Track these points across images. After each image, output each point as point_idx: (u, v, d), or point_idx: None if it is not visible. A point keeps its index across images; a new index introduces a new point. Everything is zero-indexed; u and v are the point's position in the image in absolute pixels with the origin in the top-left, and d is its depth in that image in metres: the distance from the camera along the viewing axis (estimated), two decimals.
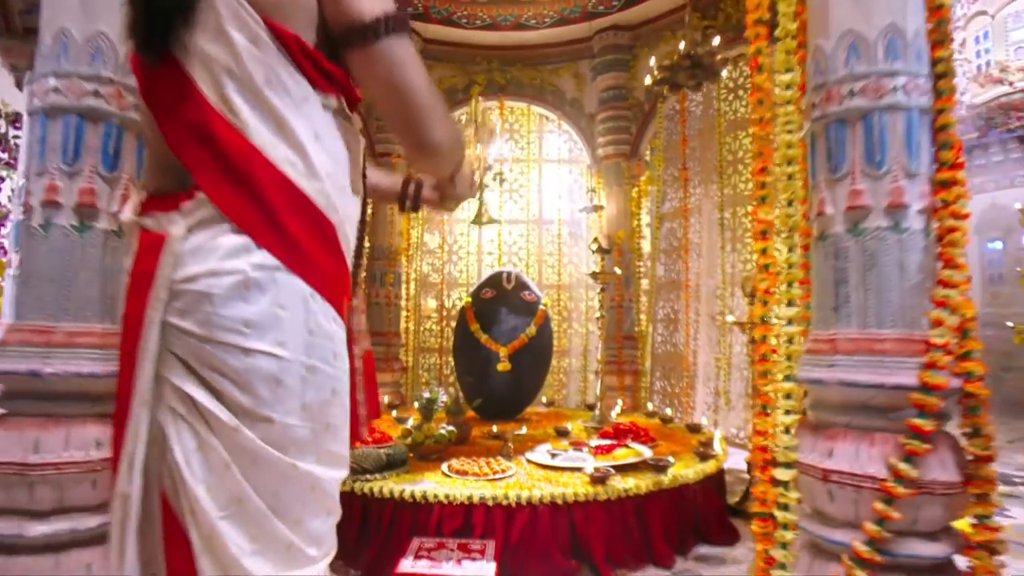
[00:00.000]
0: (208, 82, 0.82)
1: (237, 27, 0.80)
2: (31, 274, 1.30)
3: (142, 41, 0.83)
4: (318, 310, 0.85)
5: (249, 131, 0.81)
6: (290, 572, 0.84)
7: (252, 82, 0.81)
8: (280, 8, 0.82)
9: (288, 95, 0.83)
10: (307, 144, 0.84)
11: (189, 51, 0.82)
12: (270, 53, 0.81)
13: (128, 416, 0.82)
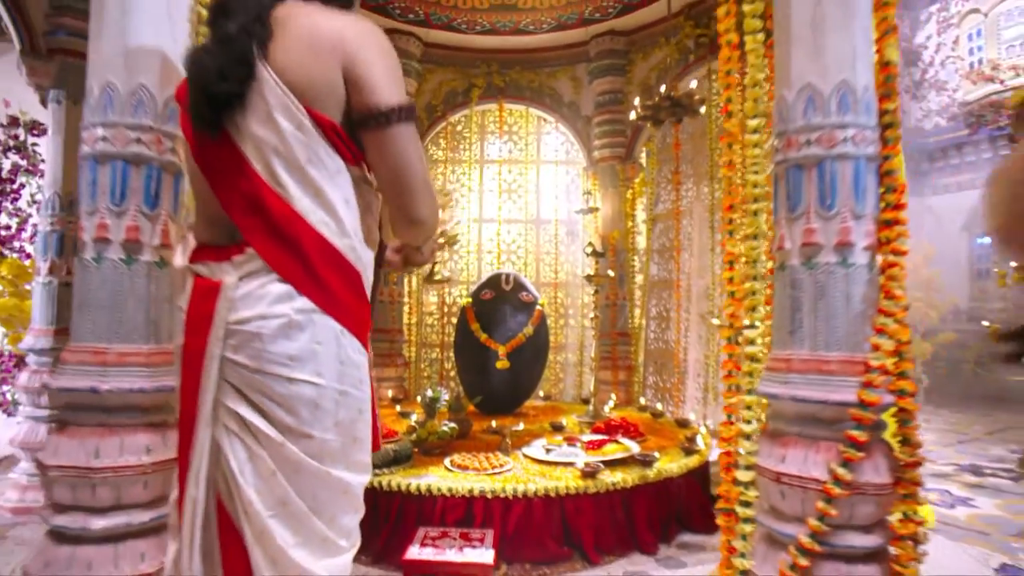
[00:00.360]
0: (259, 159, 1.01)
1: (284, 115, 0.99)
2: (86, 302, 1.48)
3: (202, 120, 1.02)
4: (347, 344, 1.06)
5: (293, 200, 1.01)
6: (326, 560, 1.05)
7: (296, 160, 1.00)
8: (319, 99, 1.01)
9: (325, 169, 1.02)
10: (339, 208, 1.04)
11: (242, 131, 1.01)
12: (311, 136, 1.01)
13: (194, 436, 1.03)
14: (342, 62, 1.01)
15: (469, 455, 2.69)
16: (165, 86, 1.55)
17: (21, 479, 2.83)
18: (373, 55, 1.04)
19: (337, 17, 1.07)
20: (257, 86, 1.00)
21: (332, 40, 1.02)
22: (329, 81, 1.02)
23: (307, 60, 1.01)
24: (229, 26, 1.01)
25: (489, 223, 5.02)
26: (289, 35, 1.03)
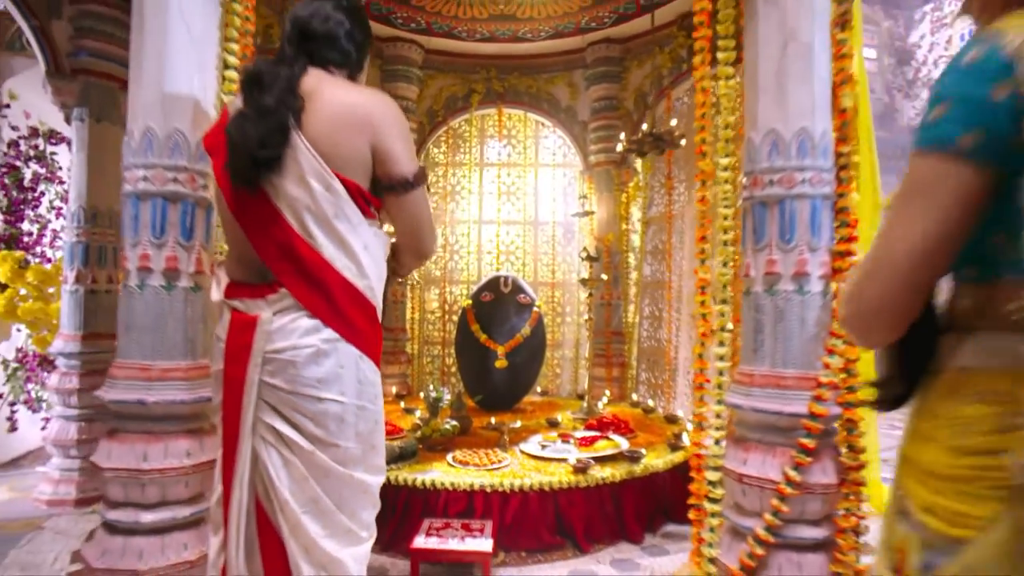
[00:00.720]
0: (292, 214, 1.22)
1: (316, 178, 1.20)
2: (131, 325, 1.68)
3: (242, 179, 1.22)
4: (365, 367, 1.28)
5: (322, 249, 1.22)
6: (350, 549, 1.27)
7: (325, 215, 1.21)
8: (346, 167, 1.22)
9: (348, 222, 1.23)
10: (360, 255, 1.25)
11: (277, 190, 1.22)
12: (338, 196, 1.21)
13: (238, 447, 1.24)
14: (371, 140, 1.22)
15: (470, 451, 2.90)
16: (196, 129, 1.74)
17: (54, 473, 3.05)
18: (395, 132, 1.25)
19: (357, 93, 1.27)
20: (292, 152, 1.20)
21: (361, 119, 1.22)
22: (360, 154, 1.23)
23: (338, 134, 1.22)
24: (266, 99, 1.21)
25: (488, 224, 5.19)
26: (319, 108, 1.23)
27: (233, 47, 1.87)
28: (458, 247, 5.22)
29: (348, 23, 1.37)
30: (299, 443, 1.23)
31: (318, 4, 1.35)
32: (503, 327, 4.00)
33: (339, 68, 1.35)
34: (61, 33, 3.05)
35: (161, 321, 1.68)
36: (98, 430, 3.05)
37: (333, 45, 1.34)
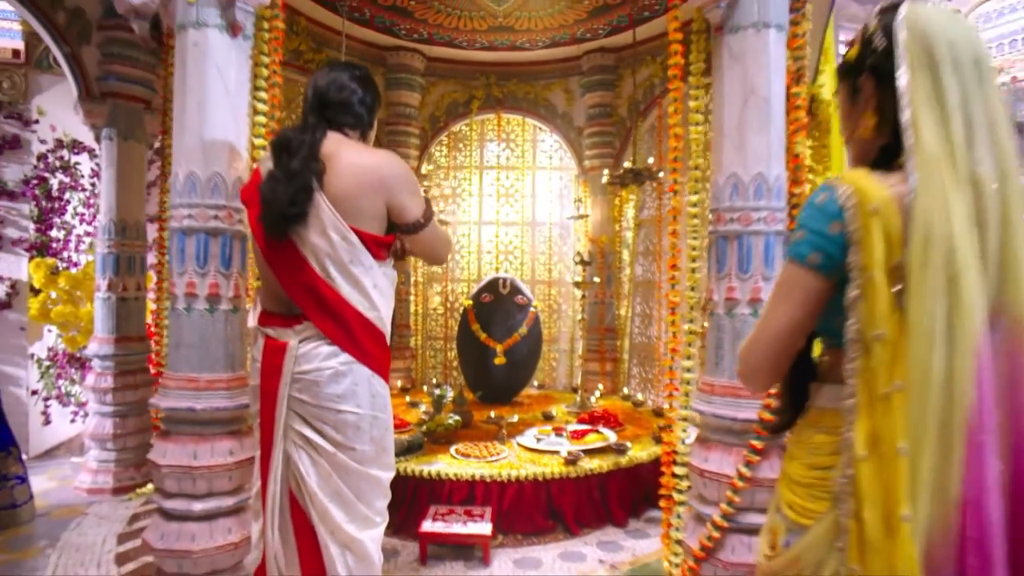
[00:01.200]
0: (315, 260, 1.50)
1: (335, 231, 1.47)
2: (180, 343, 1.97)
3: (273, 230, 1.50)
4: (376, 383, 1.57)
5: (340, 289, 1.50)
6: (367, 532, 1.56)
7: (342, 261, 1.49)
8: (362, 221, 1.49)
9: (362, 266, 1.51)
10: (371, 292, 1.53)
11: (303, 239, 1.49)
12: (353, 245, 1.49)
13: (272, 449, 1.53)
14: (386, 198, 1.51)
15: (471, 444, 3.21)
16: (232, 170, 2.01)
17: (92, 464, 3.35)
18: (405, 189, 1.54)
19: (371, 156, 1.56)
20: (315, 209, 1.48)
21: (376, 182, 1.51)
22: (376, 210, 1.52)
23: (355, 193, 1.50)
24: (294, 164, 1.49)
25: (488, 225, 5.46)
26: (339, 171, 1.51)
27: (262, 95, 2.14)
28: (459, 247, 5.48)
29: (360, 91, 1.64)
30: (323, 446, 1.54)
31: (334, 75, 1.63)
32: (502, 326, 4.29)
33: (353, 129, 1.64)
34: (91, 58, 3.29)
35: (205, 339, 1.96)
36: (131, 425, 3.37)
37: (348, 111, 1.62)
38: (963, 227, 0.81)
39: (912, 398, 0.79)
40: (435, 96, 5.24)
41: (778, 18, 1.96)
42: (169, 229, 2.00)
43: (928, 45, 0.86)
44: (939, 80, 0.85)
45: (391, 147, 4.99)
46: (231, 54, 2.00)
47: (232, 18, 1.98)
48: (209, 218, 1.96)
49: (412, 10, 4.41)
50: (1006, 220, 0.84)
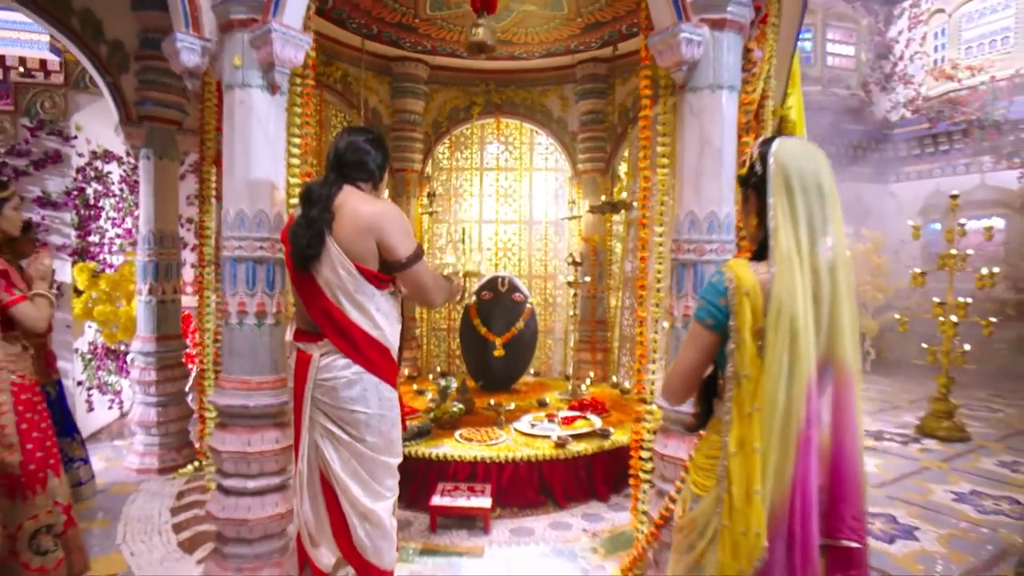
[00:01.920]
0: (328, 290, 1.92)
1: (342, 267, 1.90)
2: (234, 351, 2.40)
3: (298, 266, 1.92)
4: (383, 388, 2.00)
5: (348, 313, 1.92)
6: (379, 503, 2.01)
7: (349, 291, 1.91)
8: (362, 259, 1.92)
9: (365, 294, 1.93)
10: (374, 315, 1.95)
11: (319, 273, 1.92)
12: (357, 279, 1.91)
13: (300, 437, 1.98)
14: (376, 238, 1.92)
15: (473, 429, 3.66)
16: (273, 207, 2.41)
17: (139, 447, 3.82)
18: (394, 231, 1.95)
19: (371, 205, 1.97)
20: (327, 251, 1.91)
21: (369, 226, 1.92)
22: (370, 250, 1.93)
23: (354, 237, 1.92)
24: (312, 212, 1.92)
25: (488, 223, 5.85)
26: (343, 219, 1.93)
27: (295, 140, 2.53)
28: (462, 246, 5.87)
29: (372, 152, 2.07)
30: (342, 437, 1.99)
31: (351, 138, 2.05)
32: (500, 321, 4.71)
33: (365, 183, 2.06)
34: (129, 85, 3.66)
35: (255, 348, 2.40)
36: (172, 413, 3.83)
37: (361, 168, 2.04)
38: (803, 304, 1.23)
39: (765, 416, 1.22)
40: (438, 102, 5.58)
41: (731, 80, 2.34)
42: (222, 258, 2.41)
43: (787, 176, 1.27)
44: (793, 201, 1.26)
45: (397, 151, 5.36)
46: (271, 109, 2.40)
47: (272, 79, 2.37)
48: (256, 248, 2.37)
49: (417, 27, 4.75)
50: (835, 299, 1.26)
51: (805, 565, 1.22)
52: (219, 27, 2.43)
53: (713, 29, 2.33)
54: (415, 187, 5.46)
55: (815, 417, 1.23)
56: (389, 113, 5.41)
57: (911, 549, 2.93)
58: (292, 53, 2.37)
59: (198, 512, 3.17)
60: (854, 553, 1.25)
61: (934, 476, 3.97)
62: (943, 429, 4.77)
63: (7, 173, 4.09)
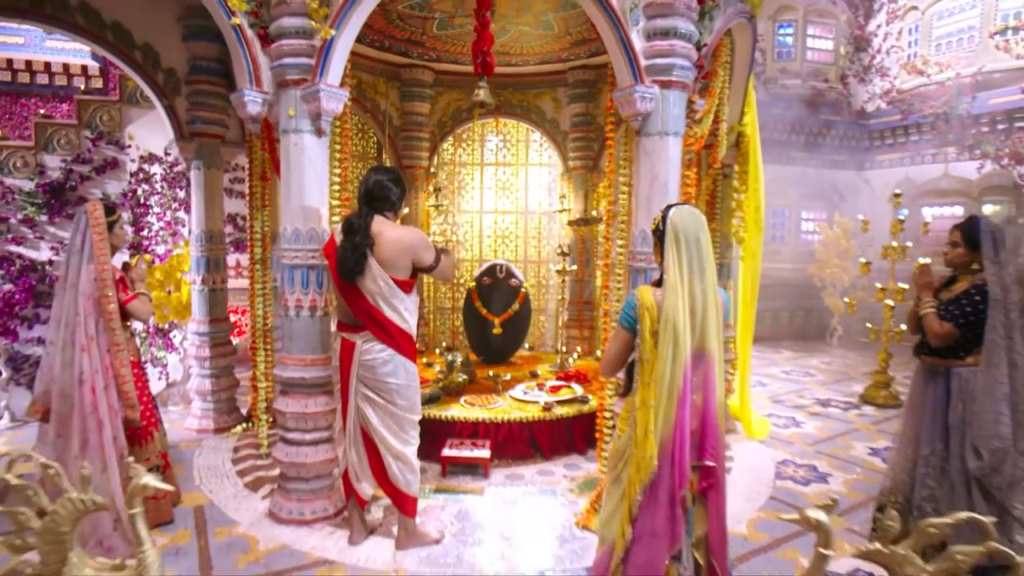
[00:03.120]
0: (369, 295, 2.76)
1: (381, 280, 2.73)
2: (292, 335, 3.18)
3: (344, 278, 2.70)
4: (408, 364, 2.87)
5: (384, 312, 2.76)
6: (407, 448, 2.83)
7: (386, 296, 2.73)
8: (397, 272, 2.73)
9: (397, 298, 2.76)
10: (403, 311, 2.79)
11: (362, 283, 2.74)
12: (393, 287, 2.74)
13: (348, 403, 2.83)
14: (411, 257, 2.71)
15: (475, 396, 4.47)
16: (320, 225, 3.16)
17: (197, 412, 4.64)
18: (421, 249, 2.75)
19: (402, 232, 2.76)
20: (368, 268, 2.68)
21: (404, 248, 2.72)
22: (405, 265, 2.72)
23: (392, 258, 2.70)
24: (356, 239, 2.69)
25: (488, 214, 6.57)
26: (382, 244, 2.69)
27: (336, 172, 3.27)
28: (463, 233, 6.61)
29: (394, 188, 2.83)
30: (379, 401, 2.79)
31: (378, 178, 2.80)
32: (499, 303, 5.48)
33: (389, 212, 2.81)
34: (181, 106, 4.36)
35: (308, 334, 3.18)
36: (222, 384, 4.64)
37: (386, 201, 2.80)
38: (683, 316, 1.99)
39: (657, 385, 2.00)
40: (442, 104, 6.24)
41: (676, 128, 3.06)
42: (282, 265, 3.17)
43: (676, 233, 2.02)
44: (679, 250, 2.01)
45: (406, 150, 6.06)
46: (318, 149, 3.13)
47: (319, 126, 3.09)
48: (308, 258, 3.13)
49: (424, 42, 5.40)
50: (705, 313, 2.02)
51: (681, 477, 2.01)
52: (276, 84, 3.14)
53: (662, 88, 3.04)
54: (423, 181, 6.16)
55: (689, 386, 2.01)
56: (399, 115, 6.07)
57: (820, 490, 3.76)
58: (334, 105, 3.09)
59: (254, 462, 4.00)
60: (713, 470, 2.05)
61: (861, 436, 4.80)
62: (880, 397, 5.59)
63: (74, 179, 4.82)
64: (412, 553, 2.94)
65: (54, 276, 4.89)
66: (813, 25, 8.47)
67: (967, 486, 2.76)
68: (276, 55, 3.09)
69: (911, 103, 8.20)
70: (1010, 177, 7.42)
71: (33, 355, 4.85)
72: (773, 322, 8.74)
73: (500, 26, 4.93)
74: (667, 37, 3.00)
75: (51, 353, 2.92)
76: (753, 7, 3.66)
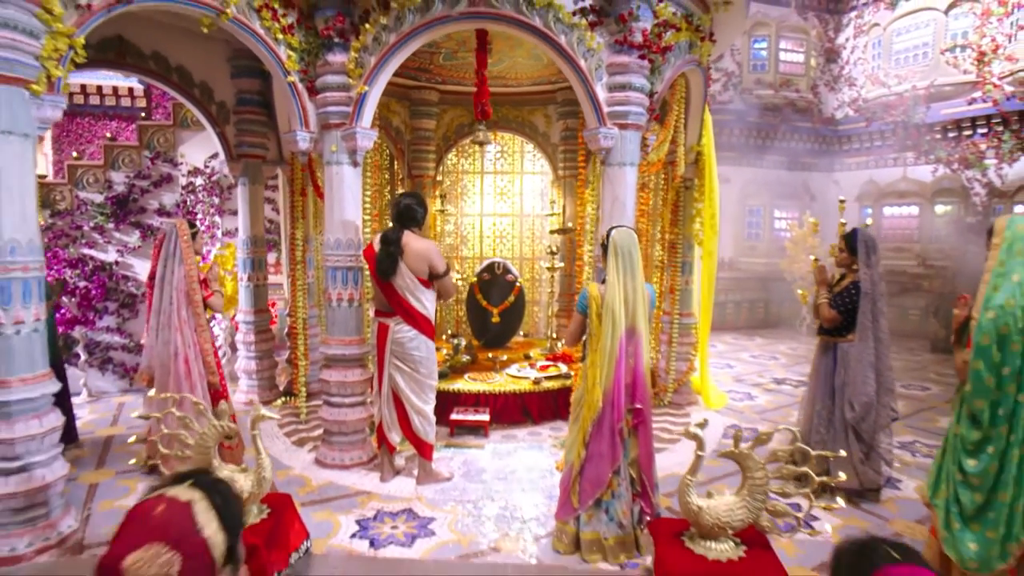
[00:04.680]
0: (400, 290, 3.85)
1: (409, 279, 3.82)
2: (334, 323, 4.18)
3: (382, 276, 3.71)
4: (428, 342, 3.98)
5: (411, 302, 3.84)
6: (427, 406, 3.86)
7: (412, 290, 3.81)
8: (419, 273, 3.82)
9: (420, 291, 3.84)
10: (424, 301, 3.87)
11: (395, 281, 3.78)
12: (416, 283, 3.82)
13: (383, 372, 3.89)
14: (427, 262, 3.73)
15: (477, 373, 5.46)
16: (356, 236, 4.14)
17: (244, 388, 5.64)
18: (435, 258, 3.80)
19: (422, 243, 3.81)
20: (400, 270, 3.71)
21: (423, 256, 3.75)
22: (423, 267, 3.76)
23: (416, 262, 3.75)
24: (390, 248, 3.70)
25: (487, 216, 7.53)
26: (409, 251, 3.73)
27: (367, 194, 4.24)
28: (466, 233, 7.58)
29: (420, 209, 3.81)
30: (406, 370, 3.83)
31: (407, 201, 3.79)
32: (496, 296, 6.46)
33: (415, 227, 3.79)
34: (230, 133, 5.32)
35: (347, 320, 4.17)
36: (265, 364, 5.64)
37: (412, 218, 3.79)
38: (619, 304, 2.98)
39: (600, 352, 2.98)
40: (447, 120, 7.19)
41: (632, 159, 4.02)
42: (325, 267, 4.16)
43: (616, 247, 3.00)
44: (617, 260, 3.00)
45: (415, 161, 7.01)
46: (354, 177, 4.10)
47: (355, 159, 4.05)
48: (347, 261, 4.12)
49: (431, 68, 6.35)
50: (635, 303, 3.01)
51: (618, 415, 2.99)
52: (320, 126, 4.10)
53: (621, 129, 4.00)
54: (430, 189, 7.12)
55: (624, 353, 2.98)
56: (408, 130, 7.03)
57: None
58: (367, 143, 4.06)
59: (296, 427, 5.00)
60: (641, 411, 3.02)
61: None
62: None
63: (135, 192, 5.79)
64: (429, 487, 3.93)
65: (119, 274, 5.87)
66: (785, 39, 9.36)
67: (845, 431, 3.76)
68: (321, 104, 4.05)
69: (874, 111, 9.11)
70: (959, 180, 8.35)
71: (103, 342, 5.84)
72: (749, 312, 9.72)
73: (497, 58, 5.88)
74: (624, 90, 3.95)
75: (152, 335, 3.91)
76: (701, 56, 4.60)
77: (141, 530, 0.83)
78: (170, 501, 0.88)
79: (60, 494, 3.26)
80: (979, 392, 2.51)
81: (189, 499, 0.89)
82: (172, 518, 0.85)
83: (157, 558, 0.80)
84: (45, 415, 3.13)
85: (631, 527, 3.12)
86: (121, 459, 4.39)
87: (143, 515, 0.85)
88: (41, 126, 3.09)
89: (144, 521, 0.84)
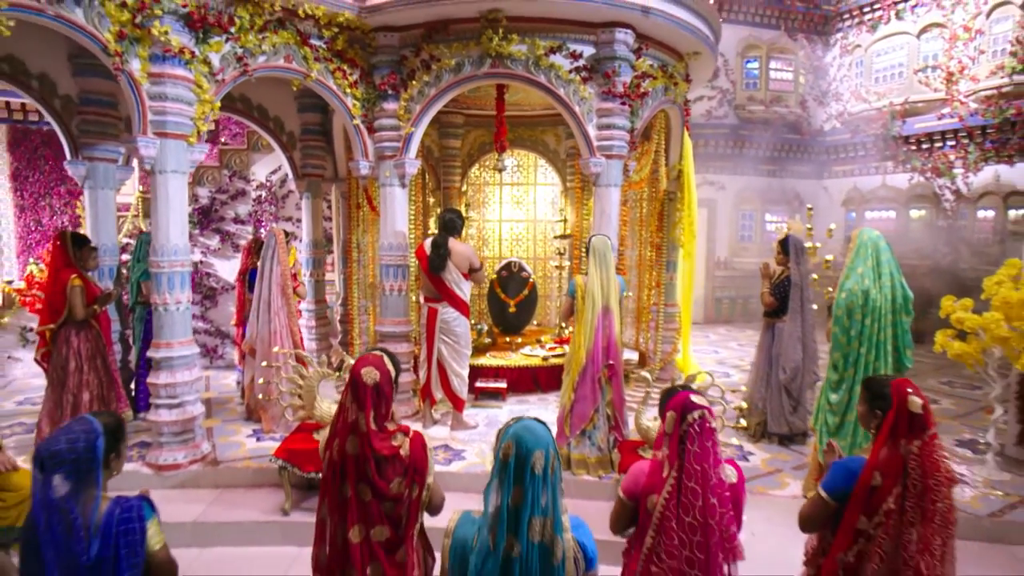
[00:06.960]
0: (447, 282, 5.26)
1: (453, 272, 5.31)
2: (386, 307, 5.61)
3: (432, 272, 5.13)
4: (465, 321, 5.43)
5: (455, 290, 5.30)
6: (463, 370, 5.28)
7: (456, 282, 5.29)
8: (462, 268, 5.25)
9: (462, 282, 5.31)
10: (464, 290, 5.38)
11: (443, 276, 5.21)
12: (459, 277, 5.20)
13: (432, 347, 5.30)
14: (468, 261, 5.14)
15: (497, 352, 6.84)
16: (405, 241, 5.54)
17: None
18: (473, 257, 5.29)
19: (462, 246, 5.25)
20: (447, 267, 5.13)
21: (465, 256, 5.17)
22: (465, 265, 5.17)
23: (460, 261, 5.20)
24: (440, 251, 5.10)
25: (506, 222, 8.90)
26: (454, 253, 5.20)
27: (411, 209, 5.65)
28: (487, 236, 8.95)
29: (459, 221, 5.25)
30: (448, 342, 5.31)
31: (450, 216, 5.24)
32: (513, 290, 7.81)
33: (456, 234, 5.20)
34: (296, 156, 6.77)
35: (397, 305, 5.59)
36: (322, 346, 7.07)
37: (455, 229, 5.24)
38: (596, 289, 4.34)
39: (583, 323, 4.33)
40: (470, 139, 8.58)
41: (616, 182, 5.35)
42: (380, 264, 5.57)
43: (594, 250, 4.35)
44: (595, 259, 4.36)
45: (444, 175, 8.40)
46: (402, 196, 5.50)
47: (403, 182, 5.45)
48: (397, 260, 5.54)
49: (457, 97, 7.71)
50: (608, 288, 4.36)
51: (595, 368, 4.33)
52: (377, 156, 5.51)
53: (607, 158, 5.34)
54: (456, 199, 8.50)
55: (600, 324, 4.32)
56: (438, 148, 8.43)
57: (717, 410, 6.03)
58: (412, 170, 5.46)
59: None
60: (613, 366, 4.35)
61: None
62: None
63: (216, 204, 7.28)
64: (460, 433, 5.32)
65: (203, 271, 7.35)
66: (775, 60, 10.56)
67: (779, 391, 5.05)
68: (377, 140, 5.46)
69: (858, 124, 10.27)
70: (931, 188, 9.49)
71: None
72: (743, 307, 10.93)
73: (514, 90, 7.22)
74: (609, 128, 5.29)
75: (253, 317, 5.35)
76: (676, 96, 5.91)
77: (365, 362, 2.19)
78: (375, 354, 2.23)
79: (200, 426, 4.71)
80: (837, 348, 3.82)
81: (380, 353, 2.24)
82: (376, 359, 2.21)
83: (372, 370, 2.15)
84: (192, 368, 4.59)
85: (607, 450, 4.46)
86: (221, 413, 5.85)
87: (365, 358, 2.20)
88: (191, 166, 4.54)
89: (366, 359, 2.20)
